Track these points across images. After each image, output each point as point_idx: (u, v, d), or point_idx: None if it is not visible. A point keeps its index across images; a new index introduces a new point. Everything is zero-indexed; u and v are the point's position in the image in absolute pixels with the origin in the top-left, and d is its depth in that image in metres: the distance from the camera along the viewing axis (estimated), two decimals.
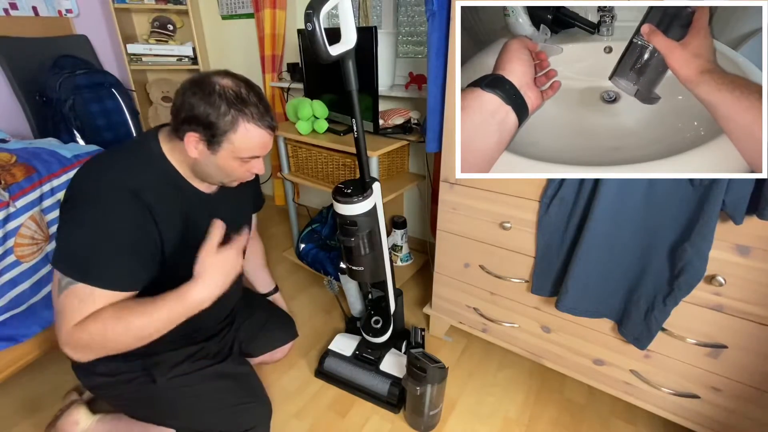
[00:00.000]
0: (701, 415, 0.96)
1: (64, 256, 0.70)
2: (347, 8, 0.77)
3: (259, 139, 0.77)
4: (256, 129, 0.76)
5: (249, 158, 0.80)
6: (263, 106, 0.77)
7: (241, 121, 0.74)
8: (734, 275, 0.80)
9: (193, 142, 0.75)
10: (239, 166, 0.80)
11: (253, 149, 0.78)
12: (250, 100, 0.75)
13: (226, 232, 0.91)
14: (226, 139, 0.75)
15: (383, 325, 1.23)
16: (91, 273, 0.69)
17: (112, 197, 0.71)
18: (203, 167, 0.80)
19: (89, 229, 0.70)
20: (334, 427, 1.13)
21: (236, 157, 0.78)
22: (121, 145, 0.83)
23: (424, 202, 1.88)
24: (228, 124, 0.73)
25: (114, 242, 0.70)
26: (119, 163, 0.77)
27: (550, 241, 0.99)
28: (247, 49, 2.22)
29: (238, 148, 0.76)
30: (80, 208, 0.71)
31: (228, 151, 0.77)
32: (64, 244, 0.71)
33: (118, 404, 0.97)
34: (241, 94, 0.74)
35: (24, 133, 1.91)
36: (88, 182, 0.73)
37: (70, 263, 0.69)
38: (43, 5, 1.95)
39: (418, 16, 1.76)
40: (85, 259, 0.69)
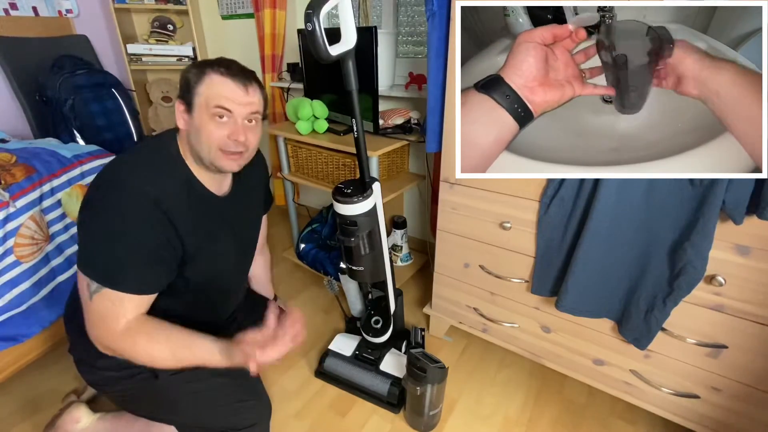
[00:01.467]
0: (701, 415, 0.96)
1: (92, 263, 0.74)
2: (347, 8, 0.77)
3: (223, 87, 0.77)
4: (220, 77, 0.77)
5: (217, 108, 0.77)
6: (237, 68, 0.79)
7: (207, 70, 0.77)
8: (734, 275, 0.80)
9: (179, 112, 0.79)
10: (215, 128, 0.78)
11: (217, 96, 0.77)
12: (222, 61, 0.78)
13: (236, 233, 0.95)
14: (196, 93, 0.77)
15: (383, 325, 1.23)
16: (119, 280, 0.74)
17: (136, 207, 0.74)
18: (191, 140, 0.81)
19: (115, 237, 0.73)
20: (334, 427, 1.13)
21: (208, 113, 0.77)
22: (144, 146, 0.86)
23: (424, 202, 1.88)
24: (196, 77, 0.77)
25: (138, 251, 0.74)
26: (141, 170, 0.78)
27: (550, 241, 0.99)
28: (247, 49, 2.22)
29: (205, 100, 0.77)
30: (104, 215, 0.73)
31: (200, 107, 0.78)
32: (90, 250, 0.75)
33: (119, 400, 0.97)
34: (218, 59, 0.79)
35: (24, 133, 1.91)
36: (111, 189, 0.75)
37: (99, 270, 0.73)
38: (43, 5, 1.95)
39: (418, 16, 1.76)
40: (112, 268, 0.74)
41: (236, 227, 0.96)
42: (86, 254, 0.75)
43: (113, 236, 0.73)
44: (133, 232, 0.74)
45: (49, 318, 1.19)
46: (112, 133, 1.93)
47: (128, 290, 0.74)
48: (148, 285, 0.78)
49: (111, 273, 0.74)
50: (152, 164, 0.80)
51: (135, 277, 0.75)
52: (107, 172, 0.78)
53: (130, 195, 0.74)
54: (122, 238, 0.73)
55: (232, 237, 0.94)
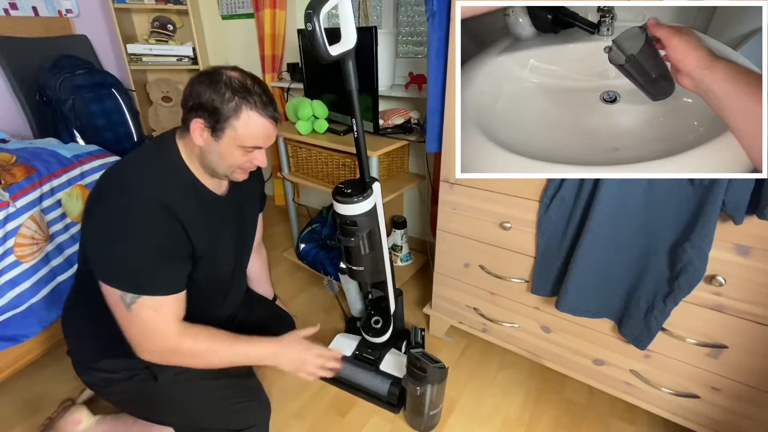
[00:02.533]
0: (701, 415, 0.96)
1: (120, 275, 0.74)
2: (347, 8, 0.77)
3: (261, 128, 0.78)
4: (258, 117, 0.77)
5: (251, 148, 0.80)
6: (267, 98, 0.78)
7: (244, 108, 0.75)
8: (734, 275, 0.80)
9: (198, 129, 0.77)
10: (241, 156, 0.81)
11: (254, 138, 0.79)
12: (254, 90, 0.77)
13: (236, 233, 0.96)
14: (229, 125, 0.76)
15: (383, 325, 1.23)
16: (153, 285, 0.75)
17: (147, 213, 0.74)
18: (207, 156, 0.81)
19: (134, 246, 0.74)
20: (334, 427, 1.13)
21: (238, 146, 0.79)
22: (144, 153, 0.85)
23: (424, 202, 1.88)
24: (231, 110, 0.75)
25: (160, 253, 0.75)
26: (146, 178, 0.78)
27: (550, 241, 0.99)
28: (247, 49, 2.22)
29: (240, 136, 0.77)
30: (117, 227, 0.73)
31: (230, 138, 0.77)
32: (113, 263, 0.74)
33: (117, 401, 0.97)
34: (246, 84, 0.76)
35: (24, 133, 1.91)
36: (119, 200, 0.74)
37: (129, 281, 0.74)
38: (43, 5, 1.95)
39: (418, 16, 1.76)
40: (142, 275, 0.75)
41: (236, 226, 0.97)
42: (110, 267, 0.75)
43: (132, 245, 0.73)
44: (150, 238, 0.74)
45: (48, 318, 1.19)
46: (112, 133, 1.93)
47: (164, 292, 0.76)
48: (179, 283, 0.80)
49: (142, 280, 0.75)
50: (155, 171, 0.81)
51: (166, 278, 0.77)
52: (111, 182, 0.78)
53: (139, 203, 0.75)
54: (141, 245, 0.74)
55: (232, 236, 0.95)
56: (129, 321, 0.77)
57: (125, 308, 0.75)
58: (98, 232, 0.75)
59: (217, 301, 0.99)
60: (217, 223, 0.88)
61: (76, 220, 1.29)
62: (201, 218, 0.84)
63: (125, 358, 0.89)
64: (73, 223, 1.28)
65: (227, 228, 0.92)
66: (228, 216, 0.93)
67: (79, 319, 0.93)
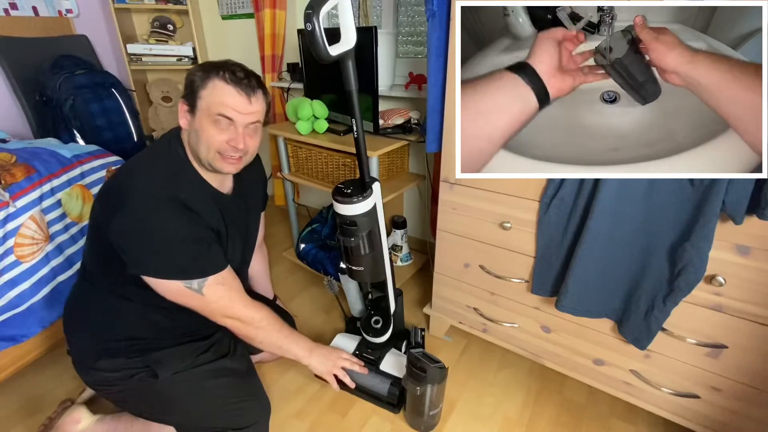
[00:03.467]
0: (701, 415, 0.96)
1: (179, 269, 0.81)
2: (347, 8, 0.77)
3: (227, 95, 0.79)
4: (224, 85, 0.79)
5: (218, 116, 0.80)
6: (242, 73, 0.80)
7: (212, 77, 0.78)
8: (734, 275, 0.80)
9: (182, 111, 0.82)
10: (216, 133, 0.81)
11: (220, 104, 0.79)
12: (228, 66, 0.80)
13: (241, 231, 1.00)
14: (199, 97, 0.79)
15: (383, 325, 1.23)
16: (211, 263, 0.84)
17: (173, 209, 0.79)
18: (192, 141, 0.84)
19: (175, 239, 0.79)
20: (334, 427, 1.13)
21: (210, 118, 0.80)
22: (154, 151, 0.88)
23: (424, 202, 1.88)
24: (200, 80, 0.79)
25: (199, 240, 0.82)
26: (161, 176, 0.82)
27: (550, 241, 0.99)
28: (247, 49, 2.22)
29: (207, 104, 0.79)
30: (152, 226, 0.77)
31: (201, 111, 0.80)
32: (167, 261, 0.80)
33: (117, 400, 0.97)
34: (225, 63, 0.80)
35: (24, 133, 1.91)
36: (144, 201, 0.78)
37: (189, 271, 0.81)
38: (43, 5, 1.95)
39: (418, 16, 1.76)
40: (197, 262, 0.82)
41: (242, 224, 0.98)
42: (166, 265, 0.80)
43: (173, 240, 0.78)
44: (184, 229, 0.79)
45: (48, 318, 1.19)
46: (112, 133, 1.93)
47: (220, 267, 0.85)
48: (224, 259, 0.88)
49: (202, 264, 0.82)
50: (168, 170, 0.83)
51: (215, 257, 0.85)
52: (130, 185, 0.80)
53: (162, 202, 0.78)
54: (180, 237, 0.79)
55: (239, 234, 0.96)
56: (206, 304, 0.85)
57: (197, 294, 0.83)
58: (135, 238, 0.78)
59: None
60: (225, 219, 0.91)
61: (76, 220, 1.29)
62: (214, 213, 0.88)
63: (125, 357, 0.89)
64: (73, 223, 1.28)
65: (233, 226, 0.94)
66: (234, 214, 0.94)
67: (79, 319, 0.93)
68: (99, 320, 0.90)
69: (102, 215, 0.81)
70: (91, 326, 0.91)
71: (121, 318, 0.90)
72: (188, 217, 0.80)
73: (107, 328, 0.90)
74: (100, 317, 0.90)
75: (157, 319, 0.91)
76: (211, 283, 0.83)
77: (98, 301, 0.90)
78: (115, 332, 0.90)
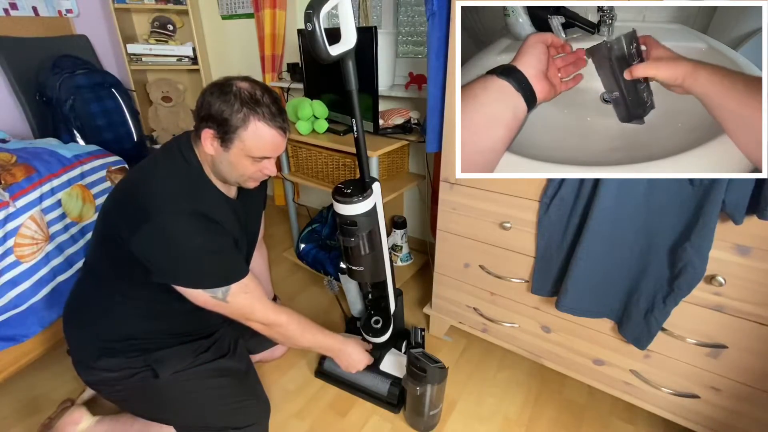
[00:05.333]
0: (701, 415, 0.96)
1: (206, 278, 0.83)
2: (347, 8, 0.77)
3: (269, 139, 0.80)
4: (266, 128, 0.79)
5: (260, 158, 0.83)
6: (276, 108, 0.81)
7: (252, 118, 0.78)
8: (734, 275, 0.80)
9: (209, 139, 0.80)
10: (250, 165, 0.83)
11: (263, 148, 0.81)
12: (263, 101, 0.79)
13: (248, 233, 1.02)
14: (237, 136, 0.79)
15: (383, 325, 1.23)
16: (236, 272, 0.86)
17: (200, 223, 0.81)
18: (219, 165, 0.84)
19: (200, 251, 0.81)
20: (334, 427, 1.13)
21: (247, 156, 0.81)
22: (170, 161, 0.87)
23: (424, 202, 1.88)
24: (240, 121, 0.77)
25: (222, 250, 0.84)
26: (182, 192, 0.83)
27: (550, 241, 0.99)
28: (247, 49, 2.22)
29: (248, 146, 0.80)
30: (179, 241, 0.79)
31: (239, 149, 0.80)
32: (195, 272, 0.82)
33: (117, 400, 0.98)
34: (255, 95, 0.79)
35: (24, 133, 1.91)
36: (169, 218, 0.78)
37: (215, 280, 0.84)
38: (43, 5, 1.95)
39: (418, 16, 1.76)
40: (223, 269, 0.85)
41: (247, 226, 0.99)
42: (192, 276, 0.82)
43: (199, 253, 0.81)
44: (208, 241, 0.81)
45: (49, 318, 1.19)
46: (112, 133, 1.93)
47: (242, 275, 0.86)
48: (246, 265, 0.91)
49: (225, 273, 0.84)
50: (187, 184, 0.84)
51: (238, 262, 0.88)
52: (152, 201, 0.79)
53: (185, 217, 0.79)
54: (205, 249, 0.81)
55: (245, 236, 0.98)
56: (231, 311, 0.87)
57: (223, 302, 0.85)
58: (163, 252, 0.79)
59: None
60: (236, 223, 0.92)
61: (76, 220, 1.29)
62: (232, 220, 0.90)
63: (125, 357, 0.89)
64: (73, 223, 1.28)
65: (241, 227, 0.95)
66: (241, 218, 0.96)
67: (80, 317, 0.93)
68: (100, 319, 0.90)
69: (122, 226, 0.80)
70: (92, 325, 0.91)
71: (122, 317, 0.90)
72: (212, 229, 0.82)
73: (107, 327, 0.90)
74: (101, 316, 0.90)
75: (158, 319, 0.91)
76: (235, 292, 0.85)
77: (100, 301, 0.90)
78: (115, 331, 0.90)
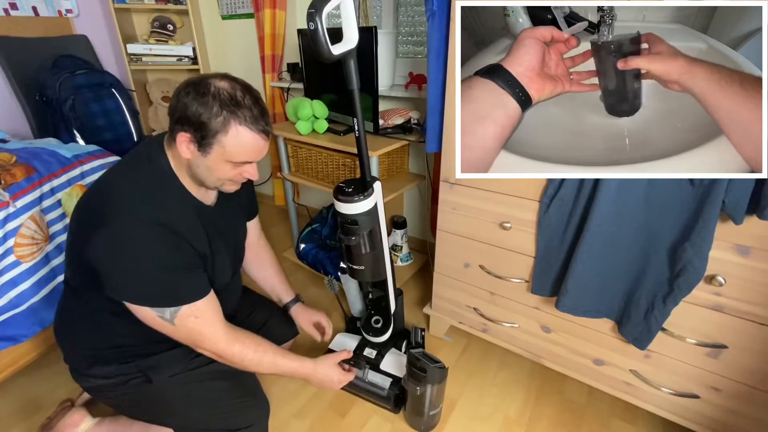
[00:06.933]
0: (701, 415, 0.96)
1: (153, 296, 0.76)
2: (349, 8, 0.77)
3: (251, 143, 0.75)
4: (247, 132, 0.73)
5: (241, 163, 0.78)
6: (258, 110, 0.75)
7: (232, 122, 0.72)
8: (734, 275, 0.80)
9: (185, 143, 0.74)
10: (231, 170, 0.78)
11: (244, 153, 0.76)
12: (244, 103, 0.73)
13: (230, 244, 0.96)
14: (216, 141, 0.73)
15: (383, 325, 1.23)
16: (186, 294, 0.78)
17: (153, 234, 0.74)
18: (196, 169, 0.79)
19: (151, 266, 0.74)
20: (334, 427, 1.13)
21: (227, 161, 0.76)
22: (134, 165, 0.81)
23: (424, 202, 1.88)
24: (219, 125, 0.71)
25: (177, 268, 0.77)
26: (143, 198, 0.76)
27: (550, 241, 0.99)
28: (247, 49, 2.22)
29: (229, 152, 0.74)
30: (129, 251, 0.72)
31: (218, 154, 0.74)
32: (141, 287, 0.75)
33: (115, 405, 0.97)
34: (235, 97, 0.72)
35: (24, 133, 1.91)
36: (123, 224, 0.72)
37: (163, 298, 0.76)
38: (43, 5, 1.95)
39: (418, 16, 1.77)
40: (173, 290, 0.77)
41: (229, 237, 0.95)
42: (139, 291, 0.75)
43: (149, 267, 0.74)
44: (163, 256, 0.75)
45: (49, 318, 1.19)
46: (112, 133, 1.93)
47: (196, 297, 0.78)
48: (205, 286, 0.82)
49: (176, 292, 0.77)
50: (150, 190, 0.78)
51: (194, 284, 0.79)
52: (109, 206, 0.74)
53: (143, 226, 0.73)
54: (157, 264, 0.74)
55: (225, 246, 0.93)
56: (178, 333, 0.80)
57: (169, 324, 0.78)
58: (112, 262, 0.73)
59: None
60: (211, 231, 0.86)
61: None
62: (198, 228, 0.83)
63: (118, 363, 0.88)
64: None
65: (220, 239, 0.90)
66: (221, 227, 0.90)
67: (69, 328, 0.92)
68: (88, 333, 0.87)
69: (78, 231, 0.77)
70: (79, 338, 0.89)
71: (109, 330, 0.87)
72: (170, 242, 0.75)
73: (97, 340, 0.88)
74: (88, 330, 0.88)
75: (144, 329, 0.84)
76: (183, 314, 0.77)
77: (85, 317, 0.87)
78: (104, 343, 0.88)
